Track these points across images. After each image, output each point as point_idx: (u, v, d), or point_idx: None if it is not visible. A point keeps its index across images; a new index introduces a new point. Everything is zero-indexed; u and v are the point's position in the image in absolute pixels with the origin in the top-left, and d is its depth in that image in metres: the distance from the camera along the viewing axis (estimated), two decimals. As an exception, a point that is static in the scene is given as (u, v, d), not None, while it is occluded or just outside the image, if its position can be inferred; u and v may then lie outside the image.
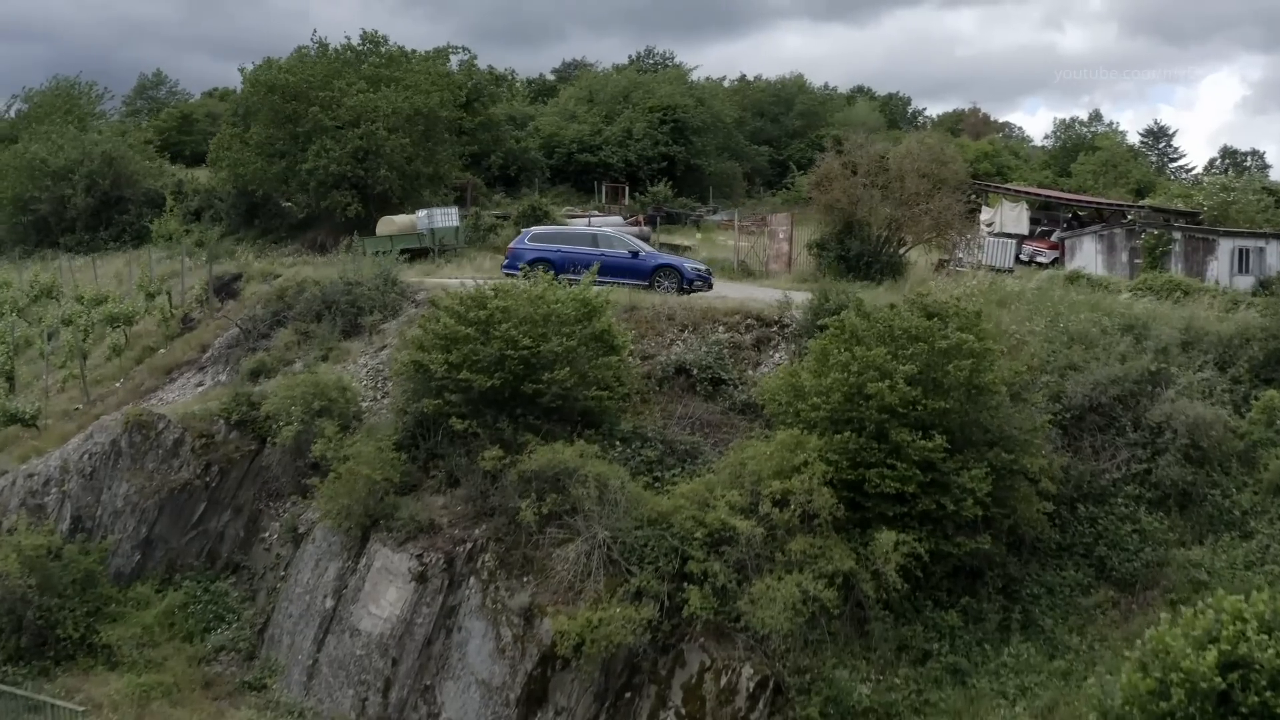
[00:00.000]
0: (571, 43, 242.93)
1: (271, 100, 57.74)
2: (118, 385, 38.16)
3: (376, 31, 60.82)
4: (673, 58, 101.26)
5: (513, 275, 36.06)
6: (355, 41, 60.92)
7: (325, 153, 55.32)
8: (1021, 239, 62.17)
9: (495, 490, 26.07)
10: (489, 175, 76.88)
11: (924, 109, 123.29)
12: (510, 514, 25.41)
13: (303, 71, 58.16)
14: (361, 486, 26.55)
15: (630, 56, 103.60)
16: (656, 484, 25.95)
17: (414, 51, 62.66)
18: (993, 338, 25.35)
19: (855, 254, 44.25)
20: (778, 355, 29.91)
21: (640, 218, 65.61)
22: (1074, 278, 43.15)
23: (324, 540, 28.19)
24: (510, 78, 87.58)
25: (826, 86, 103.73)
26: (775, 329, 30.78)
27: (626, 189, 75.09)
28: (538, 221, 57.35)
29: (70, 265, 58.37)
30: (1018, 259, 59.02)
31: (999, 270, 49.48)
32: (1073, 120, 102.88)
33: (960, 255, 49.65)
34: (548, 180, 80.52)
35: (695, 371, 29.09)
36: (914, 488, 23.25)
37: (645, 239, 59.22)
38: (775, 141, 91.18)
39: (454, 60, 78.06)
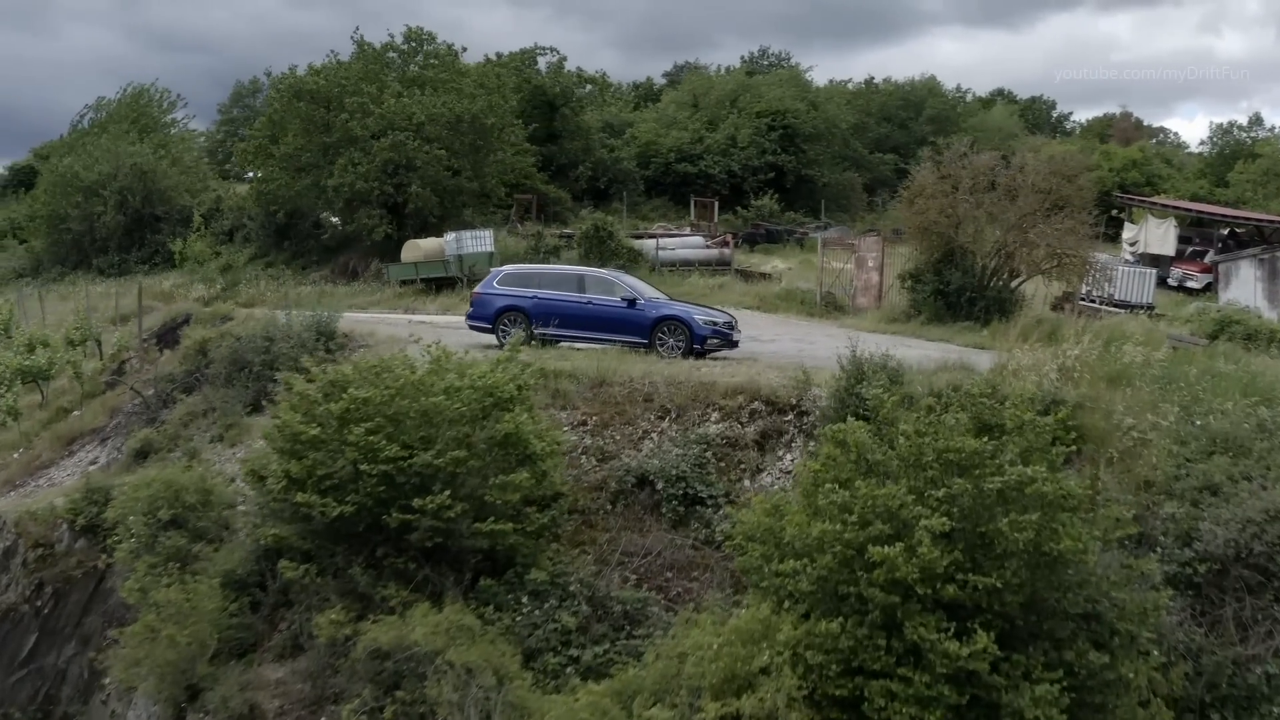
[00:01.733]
0: (723, 51, 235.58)
1: (298, 108, 50.11)
2: (15, 456, 30.40)
3: (422, 28, 52.72)
4: (788, 58, 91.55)
5: (480, 329, 27.48)
6: (399, 39, 52.61)
7: (353, 166, 47.42)
8: (1170, 261, 51.63)
9: (344, 665, 17.45)
10: (576, 188, 68.50)
11: (1069, 113, 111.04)
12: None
13: (335, 75, 50.38)
14: (163, 649, 18.22)
15: (743, 57, 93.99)
16: (566, 672, 17.00)
17: (496, 56, 54.37)
18: (1072, 495, 15.72)
19: (955, 287, 35.38)
20: (789, 458, 20.68)
21: (728, 236, 56.51)
22: (1224, 325, 32.99)
23: (144, 709, 20.09)
24: (602, 80, 78.93)
25: (959, 89, 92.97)
26: (791, 418, 21.48)
27: (716, 203, 65.96)
28: (601, 244, 49.04)
29: (86, 291, 51.48)
30: (1165, 283, 48.62)
31: (1134, 307, 39.26)
32: (1231, 125, 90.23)
33: (1086, 289, 39.51)
34: (642, 193, 71.79)
35: (661, 485, 19.98)
36: (941, 715, 13.98)
37: (724, 264, 50.53)
38: (902, 149, 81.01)
39: (541, 62, 70.48)
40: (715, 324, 26.27)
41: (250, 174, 52.41)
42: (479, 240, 45.63)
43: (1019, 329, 33.20)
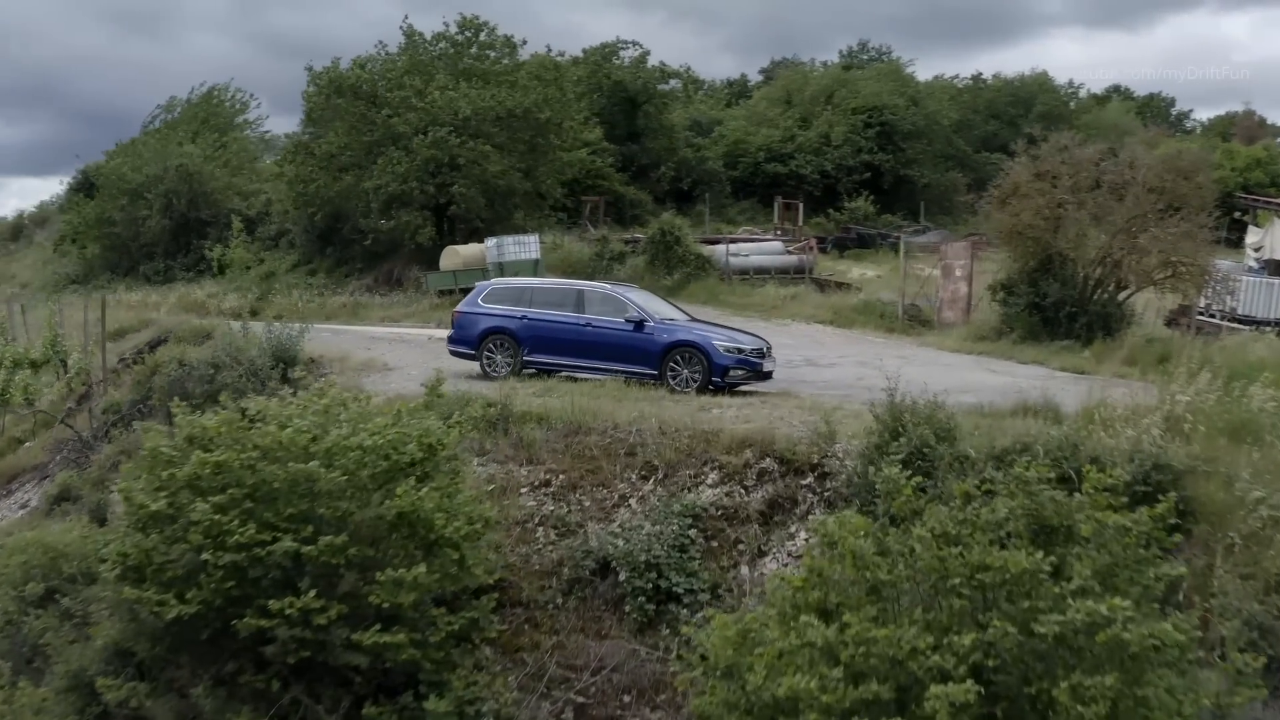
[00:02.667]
0: (830, 53, 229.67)
1: (338, 104, 45.96)
2: (-44, 494, 26.43)
3: (477, 16, 48.11)
4: (889, 51, 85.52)
5: (462, 355, 22.85)
6: (453, 29, 48.08)
7: (393, 165, 43.11)
8: (1302, 269, 45.33)
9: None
10: (658, 190, 63.73)
11: (1190, 111, 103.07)
12: None
13: (379, 68, 46.14)
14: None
15: (841, 51, 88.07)
16: None
17: (564, 57, 49.40)
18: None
19: (1053, 301, 30.34)
20: (802, 537, 15.58)
21: (811, 241, 51.31)
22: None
23: None
24: (687, 74, 73.88)
25: (1072, 84, 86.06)
26: (810, 481, 16.39)
27: (801, 205, 60.68)
28: (667, 250, 44.22)
29: (114, 300, 47.86)
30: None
31: (1261, 324, 33.35)
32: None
33: (1205, 302, 33.68)
34: (728, 195, 66.74)
35: (625, 574, 15.04)
36: None
37: (803, 271, 45.36)
38: (1010, 148, 74.74)
39: (624, 56, 65.83)
40: (740, 351, 21.21)
41: (277, 175, 48.05)
42: (523, 246, 41.05)
43: (1126, 350, 28.11)
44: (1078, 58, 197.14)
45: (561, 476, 17.06)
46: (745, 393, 21.46)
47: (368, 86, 45.20)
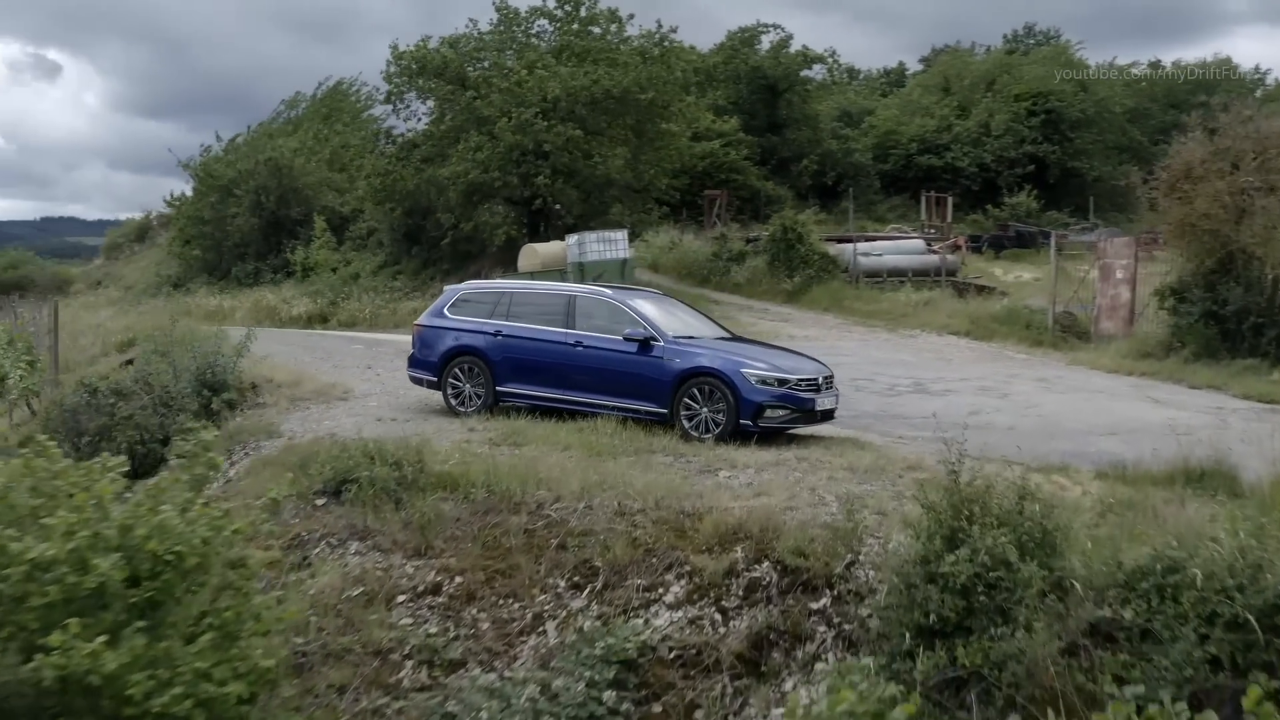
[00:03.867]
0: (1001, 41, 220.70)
1: (420, 85, 40.83)
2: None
3: (594, -10, 42.18)
4: (1057, 34, 77.15)
5: (423, 383, 17.20)
6: (550, 3, 42.28)
7: (473, 152, 37.74)
8: None
9: None
10: (800, 185, 57.54)
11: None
12: None
13: (466, 46, 40.83)
14: None
15: (1004, 36, 79.80)
16: None
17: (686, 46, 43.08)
18: None
19: (1235, 309, 23.93)
20: (803, 696, 9.39)
21: (959, 240, 44.51)
22: None
23: None
24: (833, 60, 66.92)
25: (1258, 70, 76.38)
26: (826, 603, 10.22)
27: (950, 200, 53.70)
28: (789, 249, 38.18)
29: (192, 304, 43.73)
30: None
31: None
32: None
33: None
34: (877, 190, 60.08)
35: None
36: None
37: (951, 272, 38.63)
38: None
39: (765, 41, 59.83)
40: (782, 382, 14.93)
41: (351, 167, 42.80)
42: (609, 244, 35.24)
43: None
44: (1263, 56, 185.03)
45: (459, 579, 11.24)
46: (794, 439, 15.30)
47: (454, 66, 39.86)
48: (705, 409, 14.95)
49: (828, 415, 15.59)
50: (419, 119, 42.25)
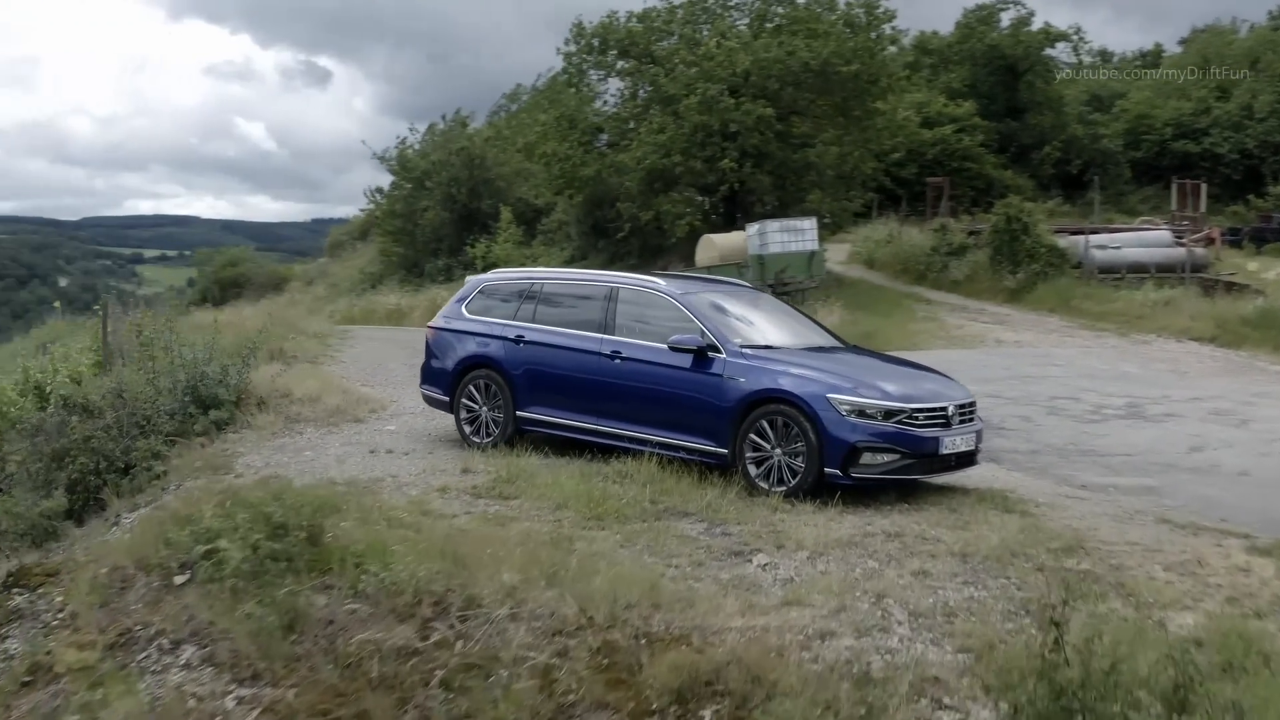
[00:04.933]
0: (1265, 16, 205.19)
1: (604, 61, 37.02)
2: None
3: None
4: (1332, 7, 67.65)
5: (436, 404, 13.05)
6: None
7: (654, 134, 33.72)
8: None
9: None
10: (1042, 174, 51.61)
11: None
12: None
13: (656, 20, 36.78)
14: None
15: (1270, 11, 70.50)
16: None
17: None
18: None
19: None
20: None
21: (1212, 232, 38.07)
22: None
23: None
24: (1077, 38, 59.55)
25: None
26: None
27: (1204, 189, 46.65)
28: (1013, 241, 33.10)
29: (376, 302, 41.22)
30: None
31: None
32: None
33: None
34: (1128, 180, 53.38)
35: None
36: None
37: (1199, 268, 32.42)
38: None
39: (1004, 19, 54.11)
40: (892, 414, 10.12)
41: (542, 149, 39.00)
42: (795, 233, 30.56)
43: None
44: None
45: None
46: (907, 494, 10.57)
47: (641, 41, 35.88)
48: (779, 450, 10.36)
49: (965, 460, 10.78)
50: (604, 101, 38.50)
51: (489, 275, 13.50)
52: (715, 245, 31.75)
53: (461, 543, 8.51)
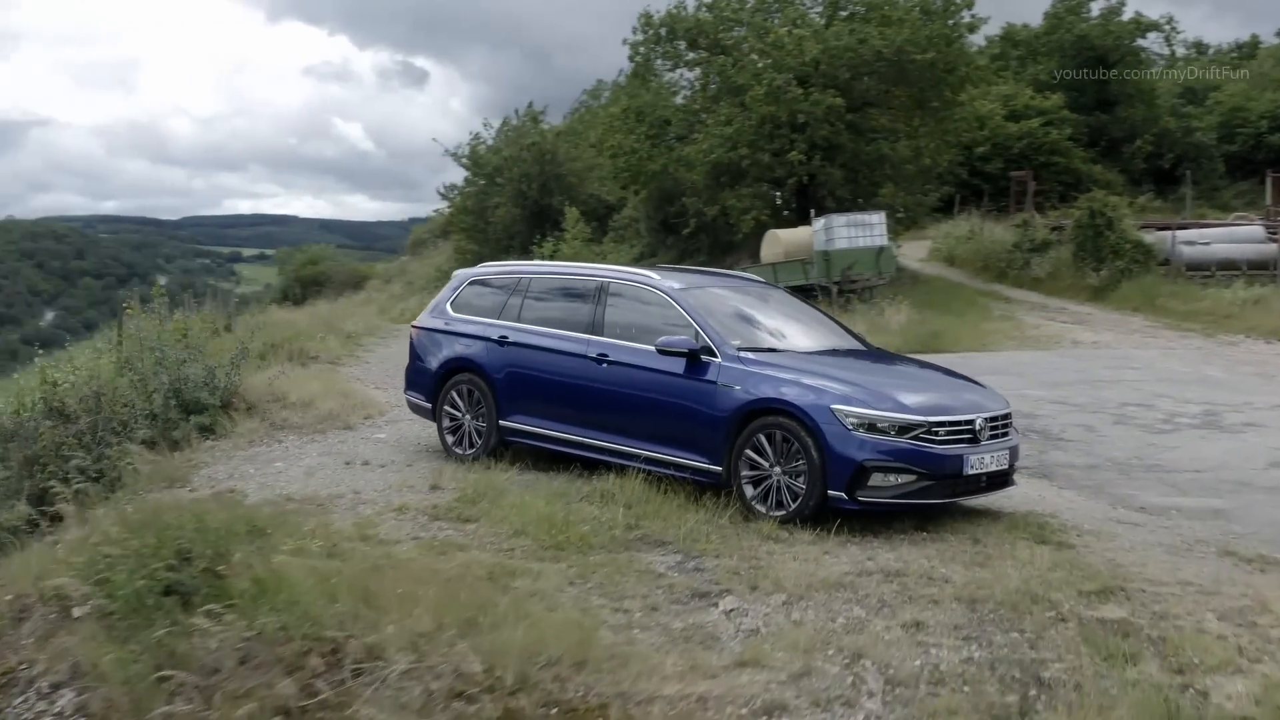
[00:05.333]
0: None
1: (672, 51, 35.75)
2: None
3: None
4: None
5: (420, 412, 11.81)
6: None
7: (720, 126, 32.38)
8: None
9: None
10: (1133, 168, 49.35)
11: None
12: None
13: (725, 8, 35.41)
14: None
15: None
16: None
17: None
18: None
19: None
20: None
21: (1315, 224, 35.87)
22: None
23: None
24: (1169, 27, 56.60)
25: None
26: None
27: (1296, 179, 44.34)
28: (1097, 238, 31.40)
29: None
30: None
31: None
32: None
33: None
34: (1221, 174, 50.91)
35: None
36: None
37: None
38: None
39: (1093, 9, 52.01)
40: (907, 428, 8.76)
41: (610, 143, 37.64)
42: (862, 228, 29.02)
43: None
44: None
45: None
46: (927, 521, 9.18)
47: (710, 30, 34.52)
48: (778, 469, 9.02)
49: (998, 481, 9.37)
50: (674, 92, 37.17)
51: (477, 269, 12.26)
52: (780, 241, 30.34)
53: (384, 577, 7.30)
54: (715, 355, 9.50)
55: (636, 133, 35.83)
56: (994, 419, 9.32)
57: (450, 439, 11.22)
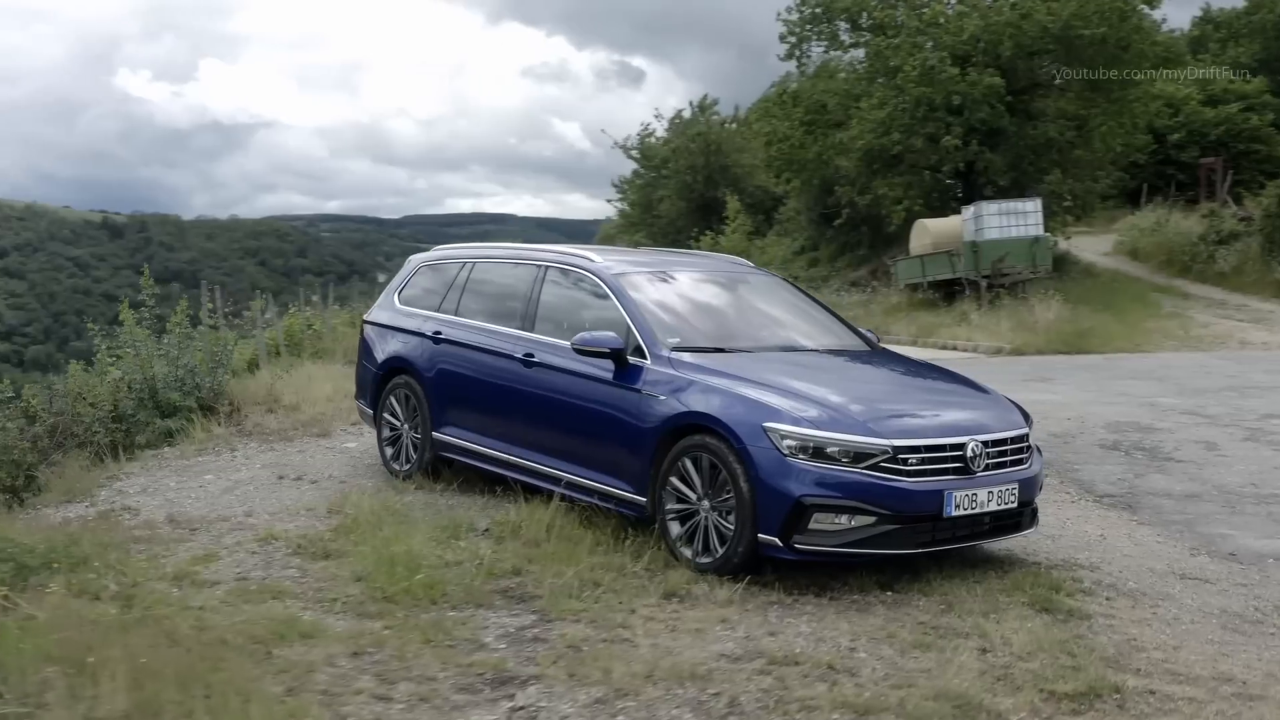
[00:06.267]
0: None
1: (824, 32, 33.45)
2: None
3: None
4: None
5: (365, 415, 10.04)
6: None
7: (873, 112, 29.96)
8: None
9: None
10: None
11: None
12: None
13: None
14: None
15: None
16: None
17: None
18: None
19: None
20: None
21: None
22: None
23: None
24: None
25: None
26: None
27: None
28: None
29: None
30: None
31: None
32: None
33: None
34: None
35: None
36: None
37: None
38: None
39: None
40: (862, 456, 6.57)
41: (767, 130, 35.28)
42: (1015, 217, 26.22)
43: None
44: None
45: None
46: (929, 565, 7.02)
47: (867, 8, 32.05)
48: (707, 503, 6.95)
49: (1003, 524, 7.12)
50: (830, 75, 34.77)
51: (430, 254, 10.37)
52: (929, 231, 27.79)
53: (126, 638, 5.57)
54: (645, 356, 7.48)
55: (792, 117, 33.61)
56: (997, 443, 7.05)
57: (390, 451, 9.48)
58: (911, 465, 6.63)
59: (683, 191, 43.55)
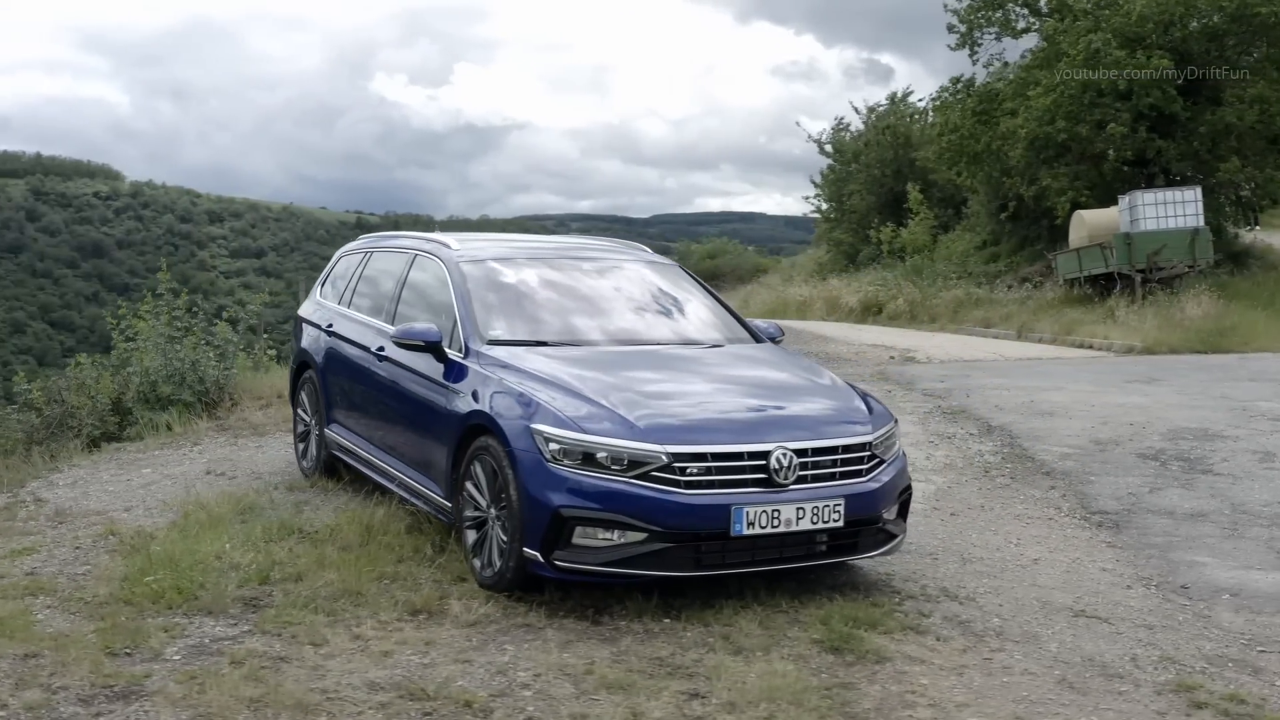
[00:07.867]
0: None
1: (993, 19, 31.73)
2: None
3: None
4: None
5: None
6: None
7: (1040, 98, 28.15)
8: None
9: None
10: None
11: None
12: None
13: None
14: None
15: None
16: None
17: None
18: None
19: None
20: None
21: None
22: None
23: None
24: None
25: None
26: None
27: None
28: None
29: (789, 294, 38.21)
30: None
31: None
32: None
33: None
34: None
35: None
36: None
37: None
38: None
39: None
40: (637, 462, 5.83)
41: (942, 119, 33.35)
42: (1172, 208, 24.12)
43: None
44: None
45: None
46: (748, 586, 6.28)
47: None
48: (493, 511, 6.30)
49: (842, 544, 6.23)
50: (1003, 63, 32.96)
51: (355, 242, 9.88)
52: (1085, 223, 25.97)
53: None
54: (460, 351, 6.89)
55: (965, 107, 31.96)
56: (820, 451, 6.14)
57: (300, 447, 9.14)
58: (691, 475, 5.84)
59: (871, 185, 42.04)
